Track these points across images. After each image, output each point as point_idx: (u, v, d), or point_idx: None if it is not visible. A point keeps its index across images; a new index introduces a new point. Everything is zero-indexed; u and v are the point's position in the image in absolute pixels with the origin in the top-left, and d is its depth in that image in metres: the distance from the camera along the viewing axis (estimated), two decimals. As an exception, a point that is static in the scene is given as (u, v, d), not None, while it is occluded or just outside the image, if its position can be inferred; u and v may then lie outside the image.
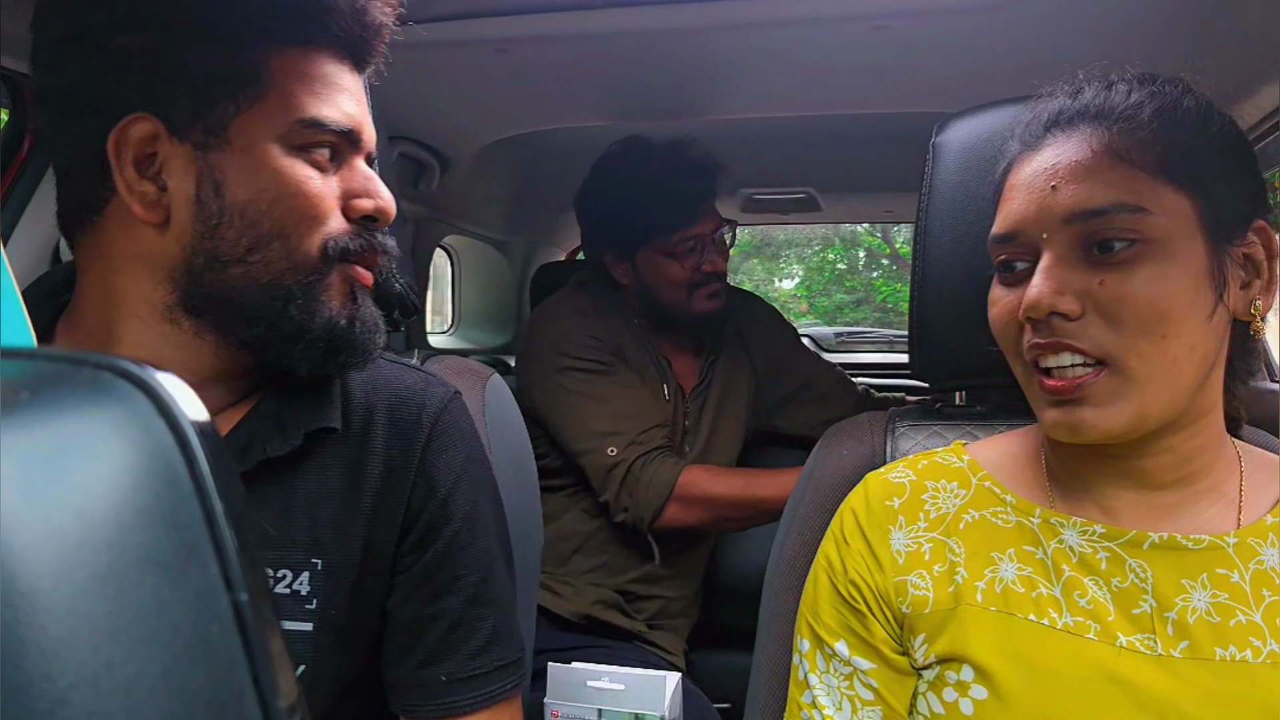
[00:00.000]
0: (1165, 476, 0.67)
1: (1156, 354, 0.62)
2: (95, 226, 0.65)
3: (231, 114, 0.62)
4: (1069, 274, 0.63)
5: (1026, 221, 0.66)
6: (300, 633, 0.68)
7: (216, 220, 0.62)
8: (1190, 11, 1.06)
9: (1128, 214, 0.62)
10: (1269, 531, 0.66)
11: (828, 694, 0.73)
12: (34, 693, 0.18)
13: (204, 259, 0.63)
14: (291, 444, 0.67)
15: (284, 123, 0.63)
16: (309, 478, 0.70)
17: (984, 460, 0.77)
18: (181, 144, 0.62)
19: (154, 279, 0.64)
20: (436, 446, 0.75)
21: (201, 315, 0.65)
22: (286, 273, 0.64)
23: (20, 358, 0.24)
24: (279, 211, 0.63)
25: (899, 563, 0.73)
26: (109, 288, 0.65)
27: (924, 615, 0.70)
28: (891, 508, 0.75)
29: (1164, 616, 0.64)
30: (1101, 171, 0.63)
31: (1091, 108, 0.66)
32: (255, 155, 0.62)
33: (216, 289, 0.64)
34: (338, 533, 0.70)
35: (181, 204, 0.62)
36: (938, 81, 1.31)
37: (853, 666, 0.73)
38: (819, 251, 12.15)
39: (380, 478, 0.72)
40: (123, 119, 0.60)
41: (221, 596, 0.22)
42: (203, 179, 0.62)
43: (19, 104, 1.26)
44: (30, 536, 0.19)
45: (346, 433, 0.72)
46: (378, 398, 0.75)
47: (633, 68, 1.35)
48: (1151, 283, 0.61)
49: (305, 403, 0.70)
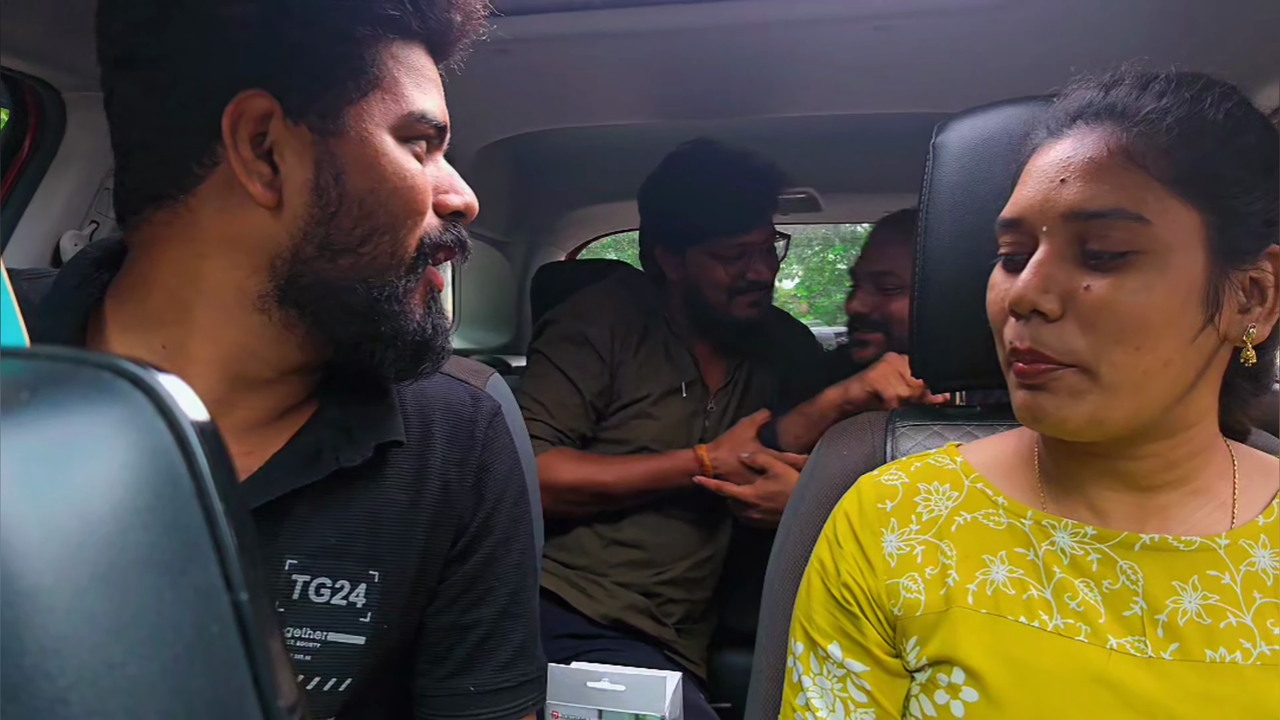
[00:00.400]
0: (1154, 479, 0.67)
1: (1127, 364, 0.61)
2: (179, 206, 0.60)
3: (346, 101, 0.60)
4: (1058, 272, 0.63)
5: (1032, 210, 0.65)
6: (351, 646, 0.67)
7: (335, 208, 0.60)
8: (1190, 11, 1.06)
9: (1127, 220, 0.61)
10: (1260, 533, 0.65)
11: (821, 696, 0.73)
12: (34, 691, 0.18)
13: (315, 247, 0.61)
14: (364, 455, 0.66)
15: (397, 113, 0.62)
16: (369, 488, 0.68)
17: (977, 462, 0.77)
18: (296, 126, 0.59)
19: (250, 265, 0.61)
20: (488, 460, 0.75)
21: (298, 307, 0.62)
22: (389, 268, 0.63)
23: (21, 358, 0.24)
24: (394, 204, 0.62)
25: (891, 565, 0.73)
26: (190, 272, 0.61)
27: (916, 618, 0.70)
28: (884, 510, 0.75)
29: (1154, 619, 0.64)
30: (1112, 173, 0.62)
31: (1119, 106, 0.64)
32: (373, 145, 0.61)
33: (322, 279, 0.61)
34: (396, 546, 0.69)
35: (297, 189, 0.60)
36: (938, 82, 1.31)
37: (846, 669, 0.73)
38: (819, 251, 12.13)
39: (438, 491, 0.72)
40: (236, 94, 0.57)
41: (222, 596, 0.22)
42: (322, 165, 0.60)
43: (19, 104, 1.26)
44: (31, 536, 0.19)
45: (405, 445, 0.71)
46: (432, 410, 0.74)
47: (633, 68, 1.35)
48: (1135, 294, 0.60)
49: (369, 412, 0.69)
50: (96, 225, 1.33)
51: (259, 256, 0.61)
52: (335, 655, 0.66)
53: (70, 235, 1.29)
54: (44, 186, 1.26)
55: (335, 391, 0.69)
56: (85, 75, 1.24)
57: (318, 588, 0.66)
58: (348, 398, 0.69)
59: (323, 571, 0.66)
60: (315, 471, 0.64)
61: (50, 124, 1.27)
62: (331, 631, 0.66)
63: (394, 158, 0.62)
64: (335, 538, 0.66)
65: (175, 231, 0.61)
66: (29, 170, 1.26)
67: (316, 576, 0.66)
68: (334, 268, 0.61)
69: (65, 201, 1.28)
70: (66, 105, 1.26)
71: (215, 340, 0.62)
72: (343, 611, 0.67)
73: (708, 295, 1.58)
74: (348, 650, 0.67)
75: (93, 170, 1.30)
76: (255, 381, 0.64)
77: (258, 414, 0.65)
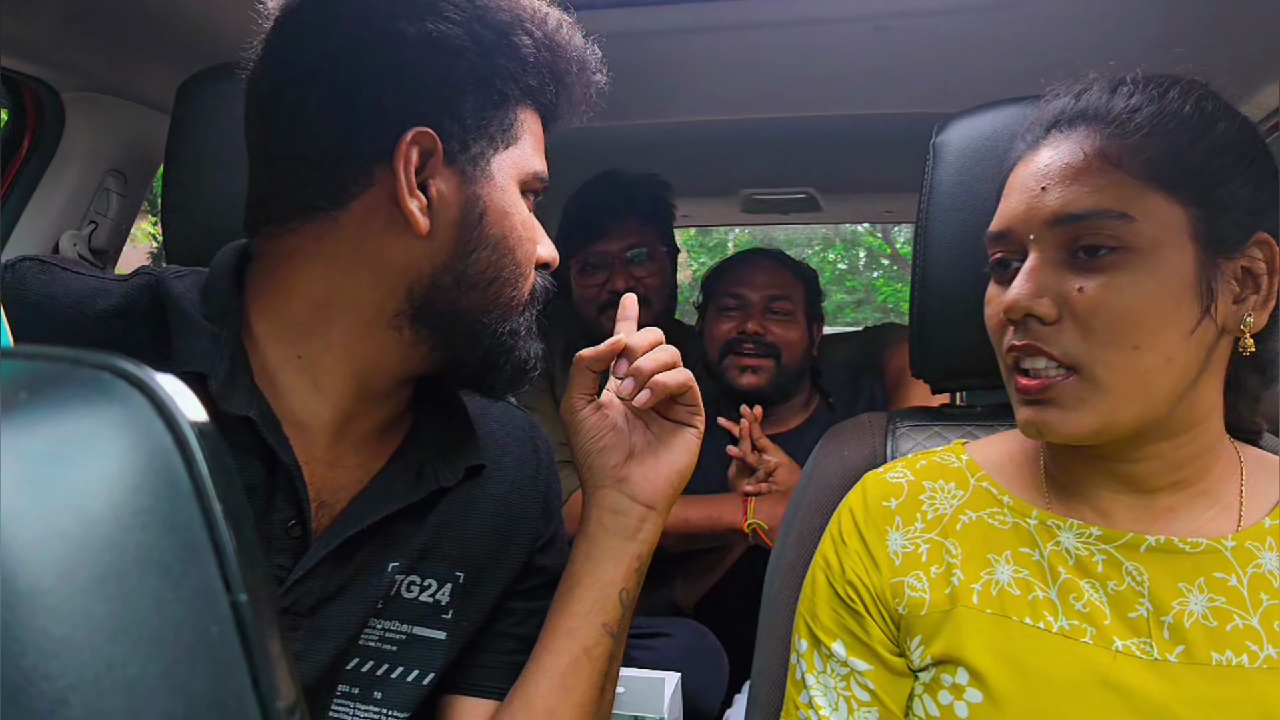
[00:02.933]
0: (1157, 481, 0.67)
1: (1126, 365, 0.61)
2: (328, 221, 0.64)
3: (493, 151, 0.66)
4: (1050, 277, 0.63)
5: (1017, 221, 0.66)
6: (434, 640, 0.73)
7: (475, 246, 0.66)
8: (1190, 12, 1.06)
9: (1111, 220, 0.61)
10: (1267, 534, 0.65)
11: (824, 694, 0.73)
12: (34, 693, 0.18)
13: (453, 278, 0.66)
14: (457, 477, 0.73)
15: (526, 170, 0.69)
16: (454, 500, 0.75)
17: (983, 460, 0.76)
18: (450, 167, 0.64)
19: (388, 285, 0.65)
20: (549, 482, 0.84)
21: (428, 328, 0.67)
22: (511, 307, 0.69)
23: (19, 358, 0.24)
24: (520, 251, 0.68)
25: (896, 564, 0.72)
26: (332, 285, 0.65)
27: (920, 617, 0.70)
28: (889, 508, 0.75)
29: (1160, 621, 0.64)
30: (1090, 175, 0.63)
31: (1090, 110, 0.65)
32: (509, 196, 0.67)
33: (453, 309, 0.67)
34: (478, 551, 0.76)
35: (447, 223, 0.65)
36: (938, 82, 1.31)
37: (850, 667, 0.73)
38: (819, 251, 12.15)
39: (515, 504, 0.79)
40: (409, 128, 0.62)
41: (221, 597, 0.22)
42: (470, 205, 0.65)
43: (18, 104, 1.26)
44: (30, 537, 0.19)
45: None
46: (500, 433, 0.81)
47: (633, 68, 1.35)
48: (1128, 292, 0.61)
49: (456, 432, 0.75)
50: (95, 225, 1.33)
51: (399, 279, 0.65)
52: (420, 648, 0.73)
53: (69, 235, 1.29)
54: (43, 186, 1.26)
55: (424, 412, 0.75)
56: (84, 76, 1.24)
57: (408, 585, 0.72)
58: (436, 420, 0.75)
59: (416, 571, 0.73)
60: (421, 489, 0.71)
61: (49, 124, 1.27)
62: (417, 625, 0.73)
63: (522, 209, 0.69)
64: (430, 541, 0.73)
65: (324, 246, 0.65)
66: (28, 170, 1.26)
67: (410, 575, 0.72)
68: (465, 299, 0.67)
69: (64, 201, 1.28)
70: (65, 106, 1.26)
71: (350, 353, 0.67)
72: (428, 608, 0.73)
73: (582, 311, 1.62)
74: (432, 644, 0.73)
75: (91, 170, 1.30)
76: (376, 395, 0.69)
77: (371, 427, 0.71)
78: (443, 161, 0.64)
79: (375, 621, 0.71)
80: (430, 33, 0.62)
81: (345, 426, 0.69)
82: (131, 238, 1.45)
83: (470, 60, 0.64)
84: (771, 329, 1.56)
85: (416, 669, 0.72)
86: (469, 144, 0.65)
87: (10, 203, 1.25)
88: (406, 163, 0.62)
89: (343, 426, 0.69)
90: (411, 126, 0.62)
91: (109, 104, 1.29)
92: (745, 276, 1.61)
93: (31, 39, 1.11)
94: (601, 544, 0.75)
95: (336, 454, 0.69)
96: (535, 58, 0.67)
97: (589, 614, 0.74)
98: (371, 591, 0.69)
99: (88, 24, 1.13)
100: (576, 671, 0.73)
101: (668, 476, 0.76)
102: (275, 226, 0.66)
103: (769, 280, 1.59)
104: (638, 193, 1.64)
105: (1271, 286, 0.64)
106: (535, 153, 0.70)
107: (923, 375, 0.91)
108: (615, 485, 0.76)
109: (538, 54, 0.67)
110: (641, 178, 1.67)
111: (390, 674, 0.71)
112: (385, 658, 0.71)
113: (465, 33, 0.63)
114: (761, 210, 2.39)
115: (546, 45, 0.68)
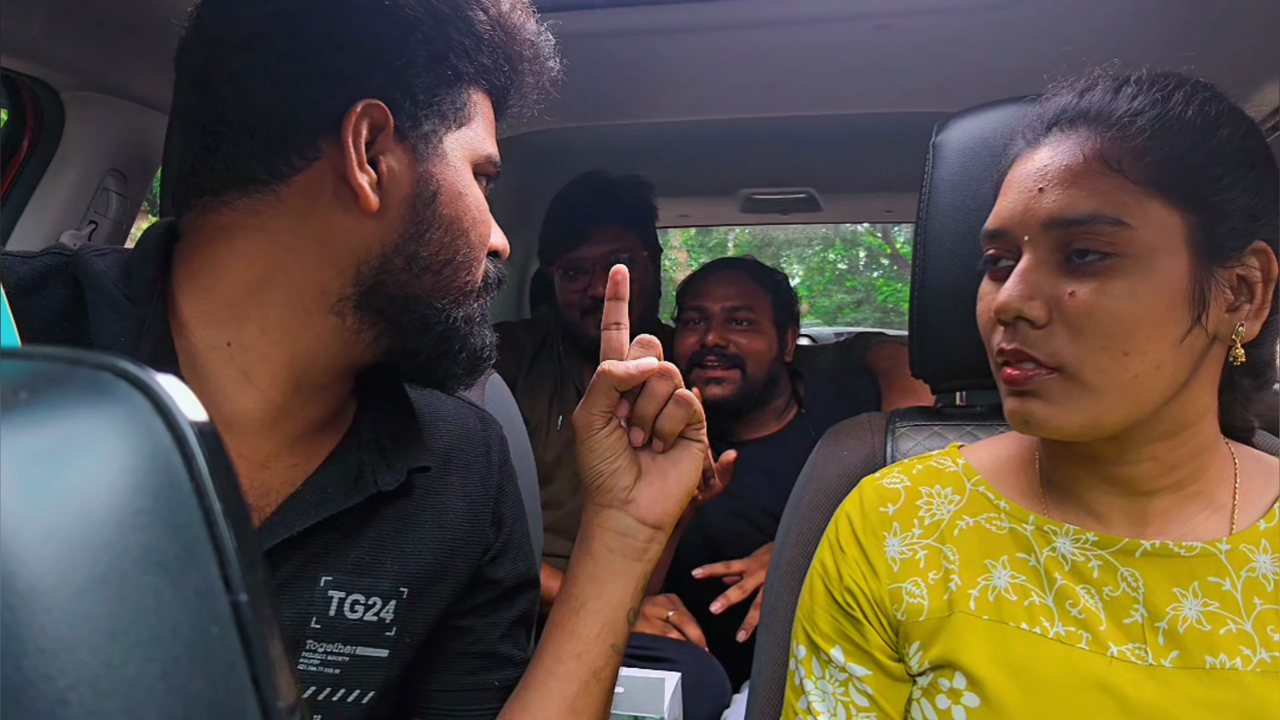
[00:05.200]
0: (1152, 483, 0.67)
1: (1115, 369, 0.61)
2: (268, 195, 0.60)
3: (445, 130, 0.64)
4: (1043, 279, 0.63)
5: (1012, 221, 0.66)
6: (376, 659, 0.69)
7: (428, 226, 0.63)
8: (1191, 12, 1.06)
9: (1107, 225, 0.60)
10: (1261, 538, 0.65)
11: (823, 700, 0.73)
12: (33, 693, 0.18)
13: (404, 260, 0.62)
14: (398, 480, 0.69)
15: (478, 152, 0.67)
16: (396, 507, 0.71)
17: (978, 464, 0.76)
18: (401, 144, 0.62)
19: (336, 267, 0.61)
20: (503, 483, 0.80)
21: (375, 314, 0.63)
22: (466, 293, 0.66)
23: (19, 358, 0.24)
24: (474, 233, 0.66)
25: (894, 570, 0.72)
26: (270, 264, 0.61)
27: (919, 623, 0.70)
28: (886, 514, 0.75)
29: (1155, 626, 0.64)
30: (1089, 179, 0.62)
31: (1092, 110, 0.64)
32: (462, 177, 0.65)
33: (405, 292, 0.63)
34: (423, 564, 0.71)
35: (397, 200, 0.62)
36: (938, 81, 1.31)
37: (848, 673, 0.72)
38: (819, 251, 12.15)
39: (461, 512, 0.75)
40: (359, 99, 0.59)
41: (221, 597, 0.22)
42: (422, 183, 0.62)
43: (17, 104, 1.26)
44: (29, 537, 0.19)
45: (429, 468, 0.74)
46: (448, 434, 0.77)
47: (633, 68, 1.35)
48: (1120, 299, 0.60)
49: (401, 434, 0.71)
50: (95, 225, 1.33)
51: (346, 260, 0.62)
52: (362, 668, 0.68)
53: (69, 234, 1.29)
54: (42, 186, 1.26)
55: (367, 408, 0.71)
56: (84, 76, 1.24)
57: (352, 604, 0.67)
58: (379, 417, 0.71)
59: (357, 588, 0.68)
60: (357, 494, 0.66)
61: (49, 124, 1.27)
62: (360, 646, 0.68)
63: (475, 191, 0.66)
64: (369, 555, 0.68)
65: (261, 221, 0.61)
66: (27, 170, 1.26)
67: (351, 593, 0.67)
68: (417, 283, 0.63)
69: (64, 201, 1.28)
70: (65, 105, 1.26)
71: (286, 341, 0.62)
72: (372, 627, 0.69)
73: (566, 315, 1.64)
74: (373, 663, 0.69)
75: (91, 170, 1.30)
76: (313, 388, 0.65)
77: (306, 423, 0.66)
78: (393, 136, 0.61)
79: (315, 645, 0.66)
80: (383, 1, 0.59)
81: (277, 422, 0.63)
82: (131, 237, 1.45)
83: (424, 32, 0.61)
84: (734, 339, 1.56)
85: (357, 689, 0.68)
86: (420, 120, 0.62)
87: (10, 202, 1.25)
88: (356, 135, 0.59)
89: (274, 422, 0.63)
90: (361, 98, 0.59)
91: (109, 104, 1.29)
92: (705, 289, 1.61)
93: (30, 38, 1.11)
94: (608, 565, 0.73)
95: (267, 452, 0.64)
96: (490, 36, 0.64)
97: (598, 637, 0.71)
98: (302, 604, 0.65)
99: (87, 23, 1.13)
100: (586, 695, 0.71)
101: (676, 497, 0.74)
102: (208, 199, 0.61)
103: (729, 291, 1.59)
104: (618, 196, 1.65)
105: (1266, 295, 0.63)
106: (488, 135, 0.68)
107: (922, 375, 0.91)
108: (623, 507, 0.73)
109: (492, 33, 0.65)
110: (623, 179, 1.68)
111: (331, 697, 0.67)
112: (328, 681, 0.67)
113: (419, 3, 0.61)
114: (761, 210, 2.39)
115: (501, 25, 0.65)
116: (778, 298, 1.64)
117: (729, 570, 1.45)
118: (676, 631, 1.45)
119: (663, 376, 0.72)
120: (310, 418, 0.66)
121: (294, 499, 0.64)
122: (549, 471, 1.61)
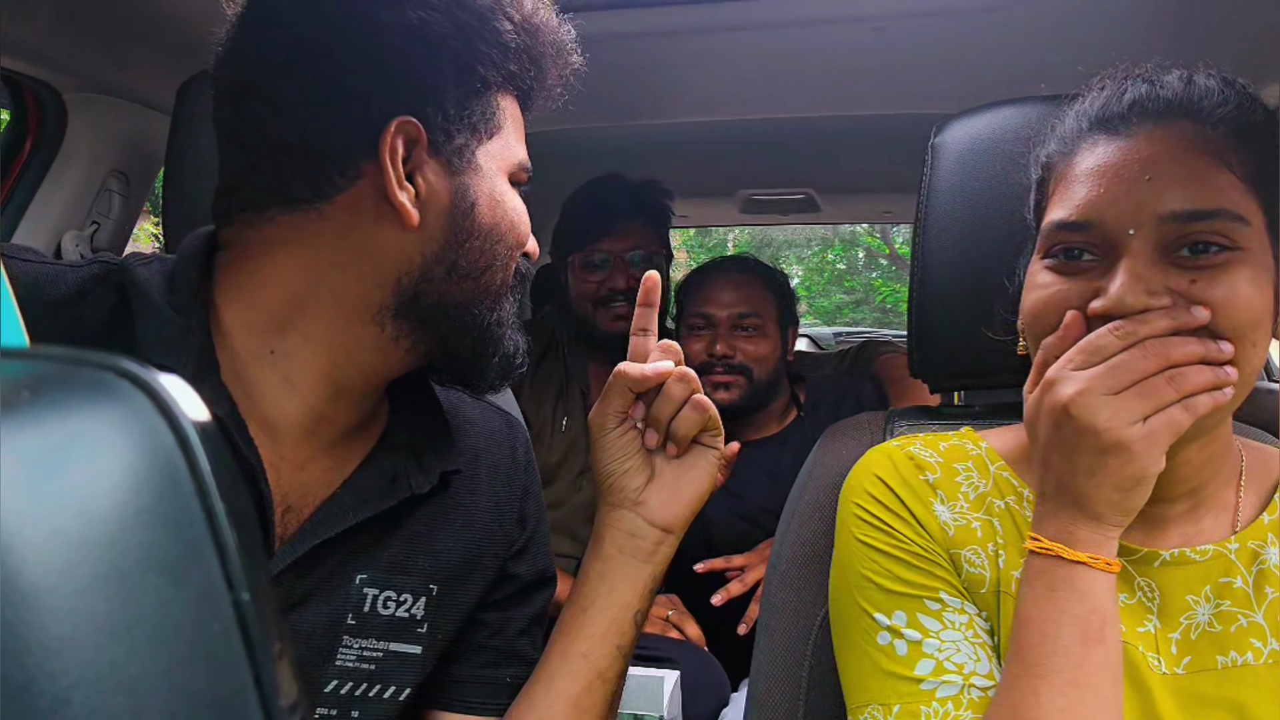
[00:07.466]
0: (1177, 489, 0.65)
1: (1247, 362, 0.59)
2: (312, 213, 0.62)
3: (476, 144, 0.65)
4: (1155, 274, 0.60)
5: (1111, 211, 0.61)
6: (410, 655, 0.71)
7: (466, 236, 0.64)
8: (1190, 12, 1.06)
9: (1231, 221, 0.59)
10: (1268, 530, 0.65)
11: (957, 650, 0.65)
12: (36, 691, 0.19)
13: (444, 269, 0.64)
14: (431, 483, 0.71)
15: (512, 161, 0.68)
16: (429, 507, 0.72)
17: (1001, 448, 0.74)
18: (436, 158, 0.63)
19: (378, 279, 0.63)
20: (526, 485, 0.81)
21: (415, 321, 0.65)
22: (501, 295, 0.68)
23: (21, 358, 0.24)
24: (510, 239, 0.67)
25: (949, 534, 0.69)
26: (314, 277, 0.63)
27: (980, 594, 0.67)
28: (927, 482, 0.71)
29: (1168, 637, 0.64)
30: (1209, 174, 0.60)
31: (1182, 102, 0.62)
32: (497, 185, 0.67)
33: (445, 300, 0.65)
34: (453, 562, 0.73)
35: (436, 213, 0.63)
36: (936, 83, 1.32)
37: (968, 614, 0.66)
38: (819, 252, 12.15)
39: (489, 512, 0.77)
40: (394, 117, 0.60)
41: (223, 596, 0.22)
42: (458, 195, 0.64)
43: (20, 105, 1.26)
44: (32, 536, 0.19)
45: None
46: (476, 437, 0.79)
47: (633, 69, 1.35)
48: (1249, 289, 0.59)
49: (432, 436, 0.73)
50: (97, 226, 1.33)
51: (389, 272, 0.63)
52: (396, 664, 0.70)
53: (71, 235, 1.29)
54: (45, 187, 1.27)
55: (399, 412, 0.73)
56: (85, 76, 1.24)
57: (385, 601, 0.69)
58: (411, 421, 0.73)
59: (390, 585, 0.70)
60: (392, 496, 0.68)
61: (51, 125, 1.27)
62: (394, 641, 0.70)
63: (512, 196, 0.68)
64: (401, 554, 0.70)
65: (305, 236, 0.63)
66: (30, 171, 1.26)
67: (384, 590, 0.69)
68: (457, 290, 0.65)
69: (66, 202, 1.28)
70: (67, 106, 1.26)
71: (329, 349, 0.64)
72: (404, 623, 0.70)
73: (579, 307, 1.64)
74: (407, 658, 0.71)
75: (93, 171, 1.30)
76: (350, 394, 0.67)
77: (343, 427, 0.68)
78: (427, 151, 0.62)
79: (352, 640, 0.68)
80: (410, 19, 0.61)
81: (316, 426, 0.66)
82: (133, 238, 1.45)
83: (452, 47, 0.62)
84: (741, 347, 1.56)
85: (394, 685, 0.70)
86: (453, 134, 0.63)
87: (12, 203, 1.25)
88: (392, 154, 0.61)
89: (314, 426, 0.66)
90: (395, 116, 0.60)
91: (110, 105, 1.29)
92: (712, 294, 1.61)
93: (33, 40, 1.11)
94: (617, 566, 0.73)
95: (306, 455, 0.66)
96: (516, 42, 0.65)
97: (604, 637, 0.72)
98: (338, 600, 0.67)
99: (89, 25, 1.13)
100: (591, 694, 0.72)
101: (687, 501, 0.74)
102: (251, 214, 0.63)
103: (736, 296, 1.59)
104: (644, 197, 1.68)
105: None
106: (518, 141, 0.69)
107: (921, 375, 0.91)
108: (633, 508, 0.74)
109: (518, 38, 0.65)
110: (647, 183, 1.70)
111: (369, 693, 0.69)
112: (364, 677, 0.69)
113: (446, 18, 0.62)
114: (760, 211, 2.40)
115: (526, 29, 0.66)
116: (781, 299, 1.64)
117: (729, 565, 1.46)
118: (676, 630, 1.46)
119: (680, 380, 0.72)
120: (347, 422, 0.68)
121: (332, 501, 0.66)
122: (551, 473, 1.62)
